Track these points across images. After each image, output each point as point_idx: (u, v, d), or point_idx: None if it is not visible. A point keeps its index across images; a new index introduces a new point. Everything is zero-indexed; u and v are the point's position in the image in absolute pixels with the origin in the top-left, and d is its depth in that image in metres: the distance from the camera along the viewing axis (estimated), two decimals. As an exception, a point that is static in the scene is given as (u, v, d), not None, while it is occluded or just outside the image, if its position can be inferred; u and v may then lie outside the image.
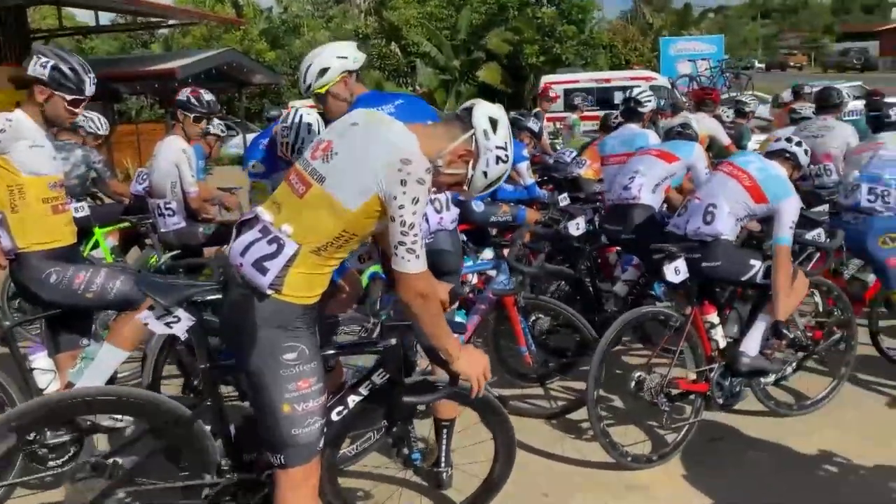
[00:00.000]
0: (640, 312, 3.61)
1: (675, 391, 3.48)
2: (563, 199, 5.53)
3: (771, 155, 3.73)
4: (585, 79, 19.82)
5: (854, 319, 4.08)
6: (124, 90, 20.35)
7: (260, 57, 28.28)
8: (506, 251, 3.96)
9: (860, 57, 44.89)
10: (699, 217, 3.55)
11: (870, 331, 4.46)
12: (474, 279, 4.54)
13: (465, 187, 2.20)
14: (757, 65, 48.55)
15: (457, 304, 2.81)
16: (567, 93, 15.94)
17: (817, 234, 4.03)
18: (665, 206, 4.56)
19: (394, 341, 2.36)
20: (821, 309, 4.22)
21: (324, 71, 3.07)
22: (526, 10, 27.95)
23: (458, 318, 3.68)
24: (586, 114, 11.74)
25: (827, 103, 5.68)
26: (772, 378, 3.90)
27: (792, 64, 47.99)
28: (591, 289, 4.75)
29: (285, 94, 28.61)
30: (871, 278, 4.31)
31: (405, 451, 2.60)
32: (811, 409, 3.93)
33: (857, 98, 14.25)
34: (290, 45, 31.51)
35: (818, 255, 4.19)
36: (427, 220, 3.02)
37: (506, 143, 2.18)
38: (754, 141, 7.78)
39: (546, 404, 4.11)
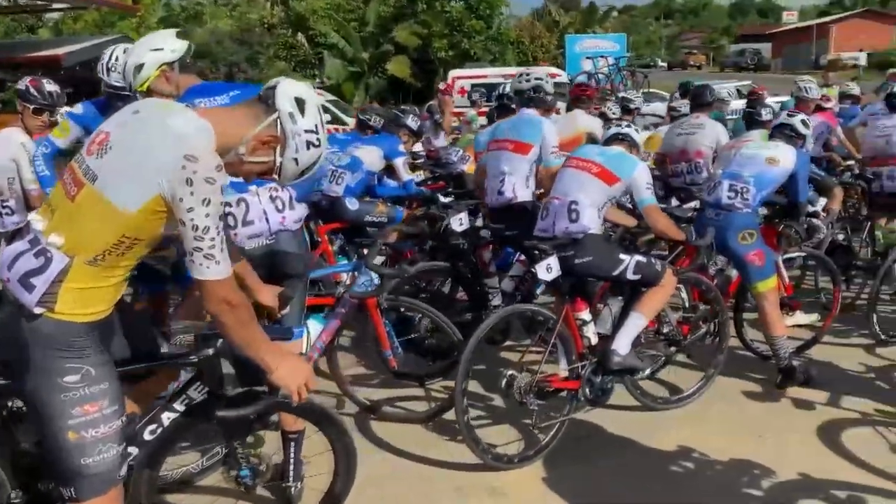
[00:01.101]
0: (511, 310, 3.55)
1: (546, 389, 3.42)
2: (445, 196, 5.45)
3: (608, 142, 3.85)
4: (493, 74, 19.83)
5: (726, 314, 4.15)
6: (6, 77, 18.99)
7: (158, 45, 27.00)
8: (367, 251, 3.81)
9: (754, 57, 47.34)
10: (564, 217, 3.54)
11: (735, 324, 4.57)
12: (349, 280, 4.38)
13: (276, 175, 2.02)
14: (660, 63, 50.43)
15: (284, 307, 2.64)
16: (474, 87, 15.92)
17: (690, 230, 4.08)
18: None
19: (210, 352, 2.17)
20: (687, 304, 4.28)
21: (139, 67, 2.85)
22: (434, 3, 27.87)
23: (315, 323, 3.52)
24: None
25: (700, 101, 5.81)
26: (647, 372, 3.94)
27: (692, 63, 49.89)
28: (475, 285, 4.68)
29: (185, 83, 27.44)
30: (734, 273, 4.40)
31: (233, 468, 2.42)
32: (682, 403, 3.98)
33: (744, 97, 14.87)
34: (191, 35, 30.28)
35: (684, 251, 4.24)
36: (268, 220, 2.84)
37: (316, 125, 2.00)
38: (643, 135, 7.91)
39: (424, 406, 4.00)
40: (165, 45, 2.90)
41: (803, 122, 4.30)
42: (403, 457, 3.49)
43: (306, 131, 1.98)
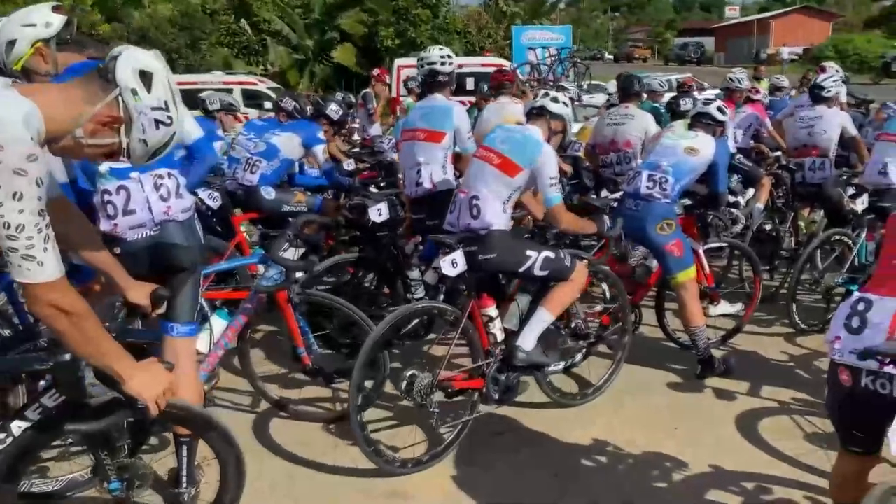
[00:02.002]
0: (414, 308, 3.37)
1: (449, 389, 3.29)
2: (376, 186, 5.30)
3: (529, 118, 3.59)
4: (438, 63, 19.59)
5: (627, 305, 4.07)
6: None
7: (93, 30, 26.05)
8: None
9: (697, 51, 48.24)
10: (467, 212, 3.36)
11: (656, 314, 4.54)
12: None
13: (124, 158, 1.83)
14: (606, 56, 50.97)
15: (159, 306, 2.46)
16: (411, 77, 15.71)
17: (605, 221, 4.02)
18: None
19: (67, 357, 1.97)
20: (607, 296, 4.23)
21: (11, 44, 2.62)
22: (381, -9, 27.54)
23: (219, 319, 3.33)
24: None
25: (629, 91, 5.77)
26: (560, 366, 3.86)
27: (637, 56, 50.56)
28: (396, 278, 4.53)
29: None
30: (654, 263, 4.36)
31: (104, 480, 2.24)
32: (594, 396, 3.91)
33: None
34: (130, 19, 29.31)
35: (601, 242, 4.19)
36: (151, 210, 2.63)
37: (165, 101, 1.80)
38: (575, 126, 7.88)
39: (338, 405, 3.83)
40: (39, 21, 2.68)
41: (719, 108, 4.25)
42: (301, 464, 3.30)
43: (153, 109, 1.78)
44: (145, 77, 1.78)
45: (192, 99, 8.25)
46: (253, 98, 15.87)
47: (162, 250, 2.65)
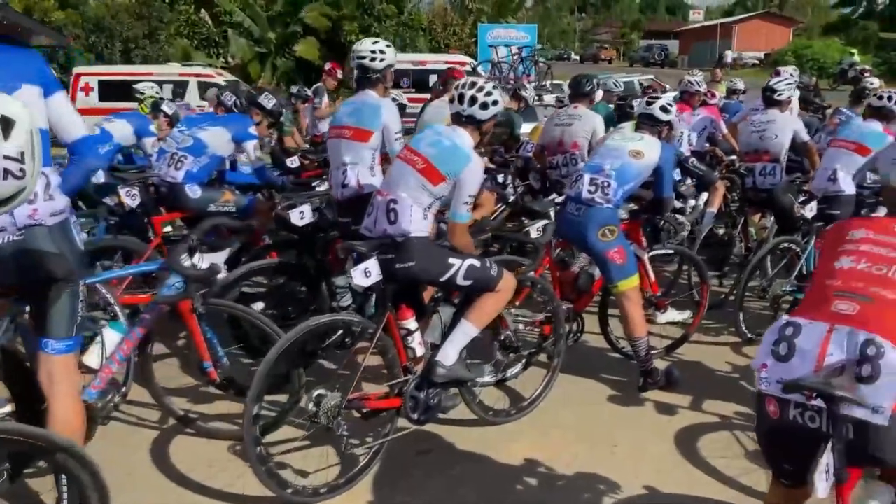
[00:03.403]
0: (317, 323, 3.04)
1: (361, 410, 3.04)
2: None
3: (454, 121, 3.26)
4: (402, 60, 19.37)
5: (561, 313, 3.87)
6: None
7: (45, 16, 25.22)
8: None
9: (661, 54, 48.66)
10: (384, 216, 3.09)
11: (600, 322, 4.37)
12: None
13: None
14: (573, 56, 51.17)
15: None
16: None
17: (540, 228, 3.83)
18: None
19: None
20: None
21: None
22: (345, -15, 27.17)
23: (112, 332, 3.05)
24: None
25: (578, 91, 5.58)
26: (491, 380, 3.63)
27: (603, 57, 50.79)
28: (320, 284, 4.27)
29: (78, 59, 25.70)
30: (598, 271, 4.18)
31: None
32: (529, 408, 3.71)
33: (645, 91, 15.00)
34: (85, 7, 28.46)
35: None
36: (11, 212, 2.33)
37: (22, 153, 1.68)
38: (529, 126, 7.72)
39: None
40: None
41: (662, 108, 4.05)
42: (207, 490, 3.01)
43: (6, 157, 1.67)
44: (6, 123, 1.66)
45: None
46: (210, 90, 15.47)
47: (29, 258, 2.34)
